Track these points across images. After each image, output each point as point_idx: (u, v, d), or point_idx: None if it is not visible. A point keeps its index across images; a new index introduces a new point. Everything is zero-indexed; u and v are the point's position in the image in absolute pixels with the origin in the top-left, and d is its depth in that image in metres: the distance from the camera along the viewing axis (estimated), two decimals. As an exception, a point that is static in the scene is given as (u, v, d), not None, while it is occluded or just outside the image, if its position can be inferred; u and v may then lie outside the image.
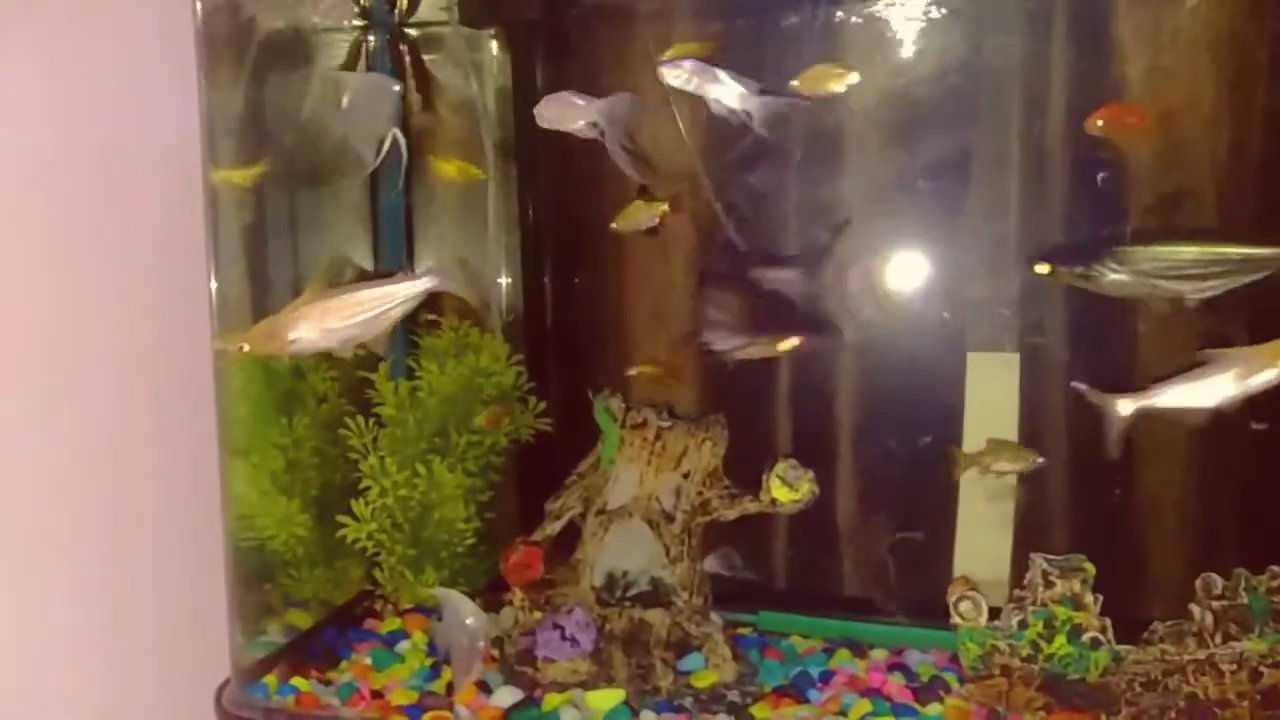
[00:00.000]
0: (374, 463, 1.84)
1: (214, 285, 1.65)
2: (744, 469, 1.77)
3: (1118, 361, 1.95)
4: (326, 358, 1.91)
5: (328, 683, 1.68)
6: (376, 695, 1.65)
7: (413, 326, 1.97)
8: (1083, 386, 1.57)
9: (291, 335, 1.46)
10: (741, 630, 1.87)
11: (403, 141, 1.70)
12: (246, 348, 1.48)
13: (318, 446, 1.88)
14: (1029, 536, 1.88)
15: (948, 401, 1.94)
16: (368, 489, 1.84)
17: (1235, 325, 1.86)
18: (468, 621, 1.50)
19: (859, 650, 1.81)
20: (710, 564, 1.83)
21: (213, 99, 1.64)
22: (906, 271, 1.96)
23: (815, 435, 2.07)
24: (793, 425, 2.08)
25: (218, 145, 1.66)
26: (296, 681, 1.66)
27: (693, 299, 2.02)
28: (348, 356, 1.66)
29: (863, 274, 1.97)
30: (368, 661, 1.76)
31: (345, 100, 1.69)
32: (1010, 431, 1.93)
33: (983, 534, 1.95)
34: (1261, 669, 1.46)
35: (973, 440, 1.95)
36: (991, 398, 1.96)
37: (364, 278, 1.87)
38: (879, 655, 1.80)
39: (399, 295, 1.48)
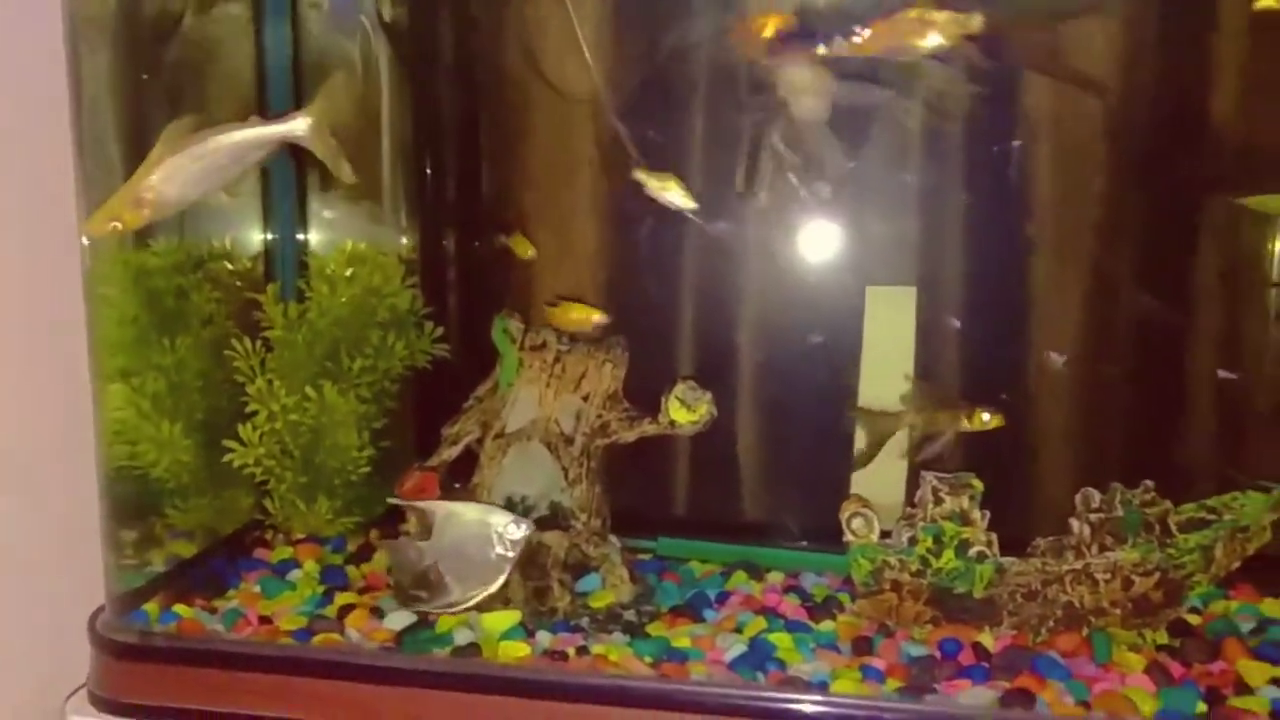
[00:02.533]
0: (261, 386, 1.77)
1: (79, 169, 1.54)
2: (647, 395, 1.78)
3: (1011, 297, 2.02)
4: (211, 279, 1.85)
5: (213, 610, 1.63)
6: (265, 621, 1.60)
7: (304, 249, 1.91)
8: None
9: (149, 196, 1.39)
10: (641, 556, 1.88)
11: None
12: (119, 225, 1.40)
13: (203, 370, 1.81)
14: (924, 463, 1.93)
15: (847, 333, 1.97)
16: (255, 413, 1.77)
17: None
18: (506, 530, 1.48)
19: (756, 574, 1.84)
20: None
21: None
22: (809, 208, 1.99)
23: (717, 363, 2.09)
24: (696, 353, 2.09)
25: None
26: (179, 609, 1.60)
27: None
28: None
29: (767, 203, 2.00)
30: (257, 590, 1.72)
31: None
32: (906, 363, 1.97)
33: (879, 461, 1.99)
34: (1133, 577, 1.53)
35: (871, 371, 2.00)
36: (889, 330, 1.99)
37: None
38: (775, 578, 1.83)
39: (252, 140, 1.43)
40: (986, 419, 1.72)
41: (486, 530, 1.49)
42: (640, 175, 1.68)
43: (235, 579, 1.75)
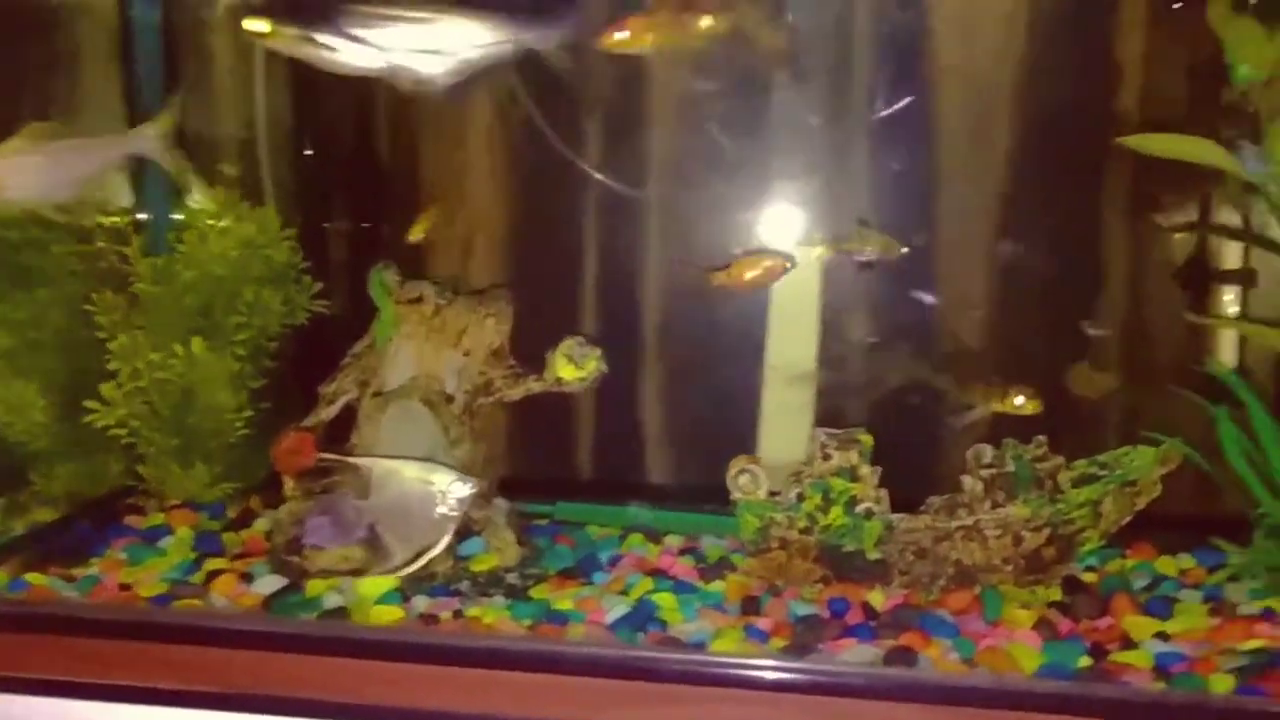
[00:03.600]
0: (124, 341, 1.67)
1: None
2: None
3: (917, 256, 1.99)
4: (75, 230, 1.75)
5: (71, 578, 1.54)
6: (125, 589, 1.52)
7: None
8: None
9: None
10: (539, 521, 1.82)
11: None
12: None
13: (64, 327, 1.71)
14: (830, 423, 1.90)
15: (752, 296, 1.92)
16: (118, 371, 1.68)
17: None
18: (450, 489, 1.41)
19: (655, 537, 1.79)
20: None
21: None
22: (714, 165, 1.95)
23: (621, 323, 2.03)
24: (598, 313, 2.04)
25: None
26: (31, 577, 1.51)
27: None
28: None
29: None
30: (123, 557, 1.63)
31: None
32: (813, 320, 1.93)
33: (785, 423, 1.95)
34: (1023, 534, 1.50)
35: (778, 330, 1.95)
36: (796, 289, 1.94)
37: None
38: (673, 541, 1.78)
39: (99, 150, 1.44)
40: (1020, 403, 1.62)
41: (429, 489, 1.43)
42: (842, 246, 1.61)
43: (101, 547, 1.66)
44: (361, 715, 1.27)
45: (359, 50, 1.39)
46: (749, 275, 1.69)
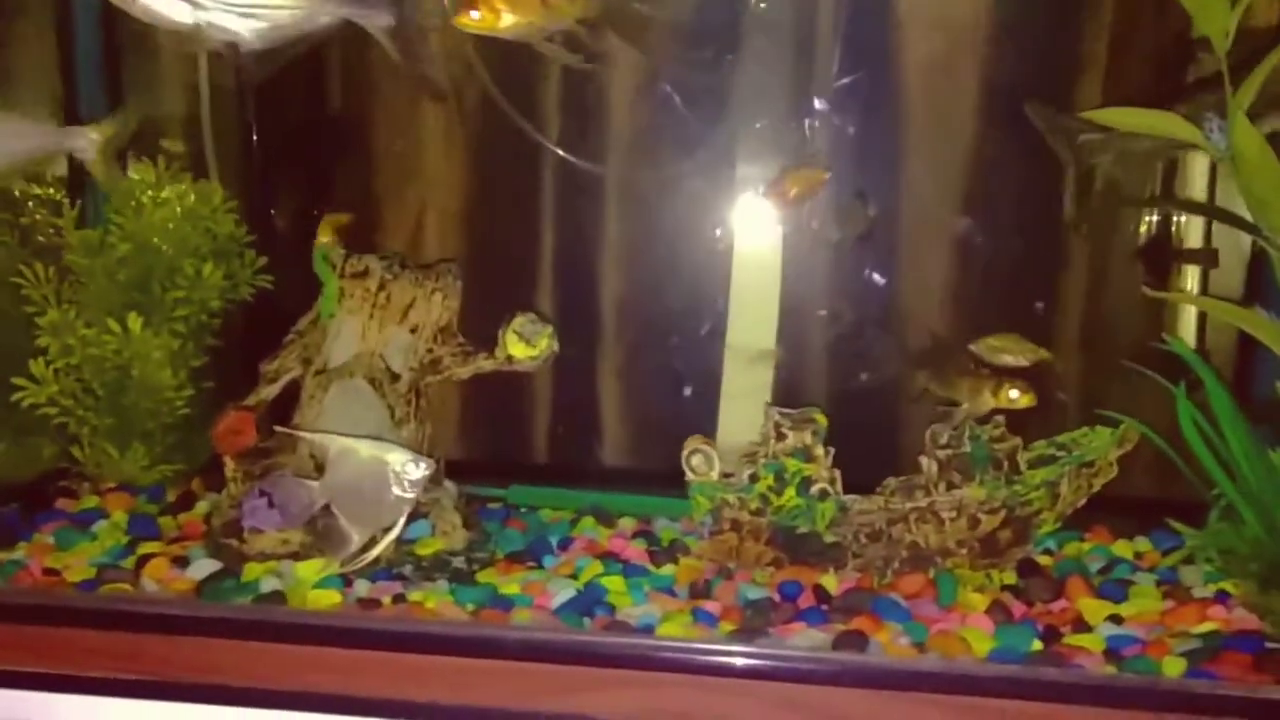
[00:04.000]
0: (55, 317, 1.61)
1: None
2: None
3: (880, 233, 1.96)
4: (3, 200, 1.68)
5: (-7, 564, 1.48)
6: (50, 574, 1.46)
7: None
8: None
9: None
10: (492, 505, 1.78)
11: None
12: None
13: (-9, 301, 1.64)
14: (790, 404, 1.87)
15: (715, 267, 1.89)
16: (48, 348, 1.61)
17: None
18: (405, 469, 1.33)
19: (608, 520, 1.75)
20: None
21: None
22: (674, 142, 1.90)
23: (576, 300, 1.99)
24: (555, 291, 1.99)
25: None
26: (-51, 562, 1.45)
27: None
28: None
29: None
30: (51, 542, 1.57)
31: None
32: (773, 299, 1.89)
33: (744, 404, 1.91)
34: (979, 515, 1.47)
35: (739, 309, 1.92)
36: (757, 268, 1.91)
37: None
38: (627, 524, 1.74)
39: (31, 139, 1.42)
40: (1014, 396, 1.51)
41: (383, 469, 1.36)
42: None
43: (29, 531, 1.59)
44: (294, 703, 1.23)
45: (172, 2, 1.32)
46: (794, 191, 1.64)
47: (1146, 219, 1.91)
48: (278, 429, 1.56)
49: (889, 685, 1.18)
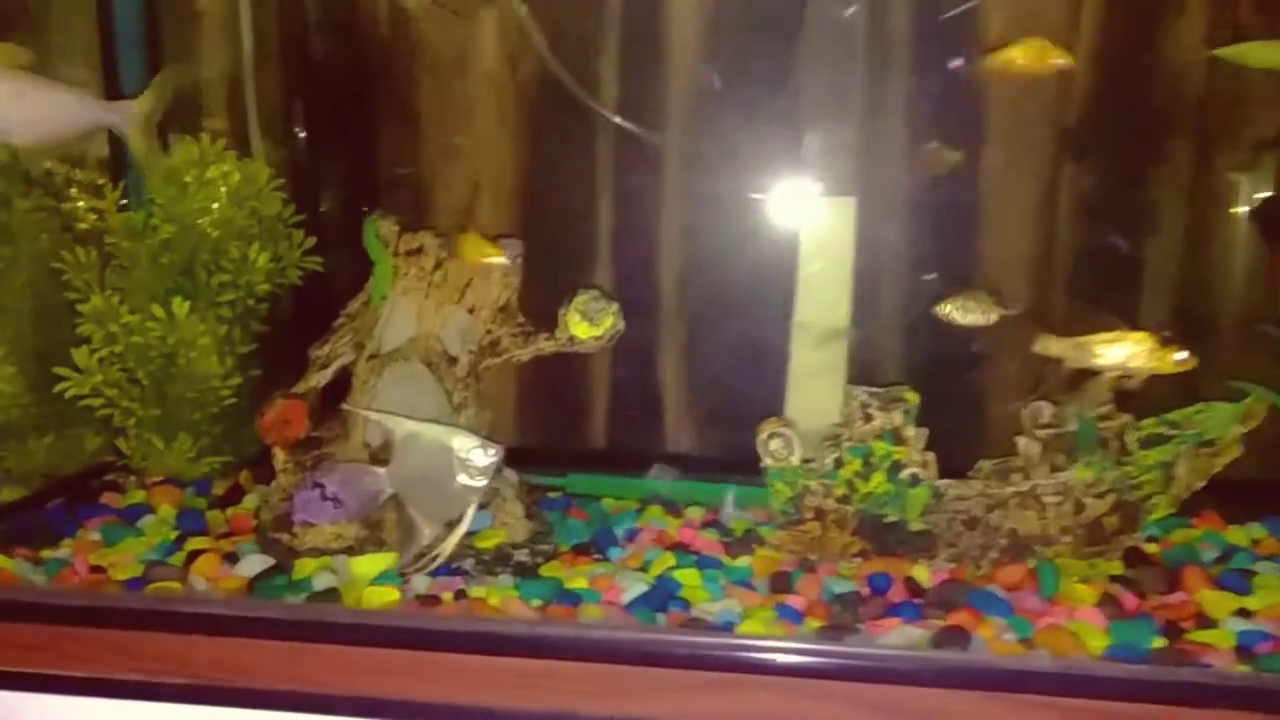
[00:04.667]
0: (98, 303, 1.54)
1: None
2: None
3: (957, 206, 1.83)
4: (44, 184, 1.62)
5: (38, 561, 1.41)
6: (97, 571, 1.39)
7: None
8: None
9: None
10: (550, 494, 1.69)
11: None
12: None
13: (33, 288, 1.58)
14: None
15: (781, 245, 1.77)
16: (91, 335, 1.55)
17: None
18: (470, 456, 1.23)
19: (674, 510, 1.65)
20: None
21: None
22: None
23: (638, 279, 1.88)
24: (617, 270, 1.89)
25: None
26: (-6, 559, 1.39)
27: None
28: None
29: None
30: (96, 538, 1.50)
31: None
32: (845, 275, 1.78)
33: (814, 385, 1.80)
34: (1086, 500, 1.35)
35: (807, 288, 1.80)
36: (827, 243, 1.79)
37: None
38: (694, 513, 1.64)
39: (69, 105, 1.36)
40: (1182, 358, 1.33)
41: (447, 455, 1.25)
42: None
43: (74, 527, 1.53)
44: (350, 708, 1.14)
45: None
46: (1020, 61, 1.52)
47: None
48: (344, 406, 1.46)
49: (999, 686, 1.07)
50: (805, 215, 1.77)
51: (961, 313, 1.45)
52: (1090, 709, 1.07)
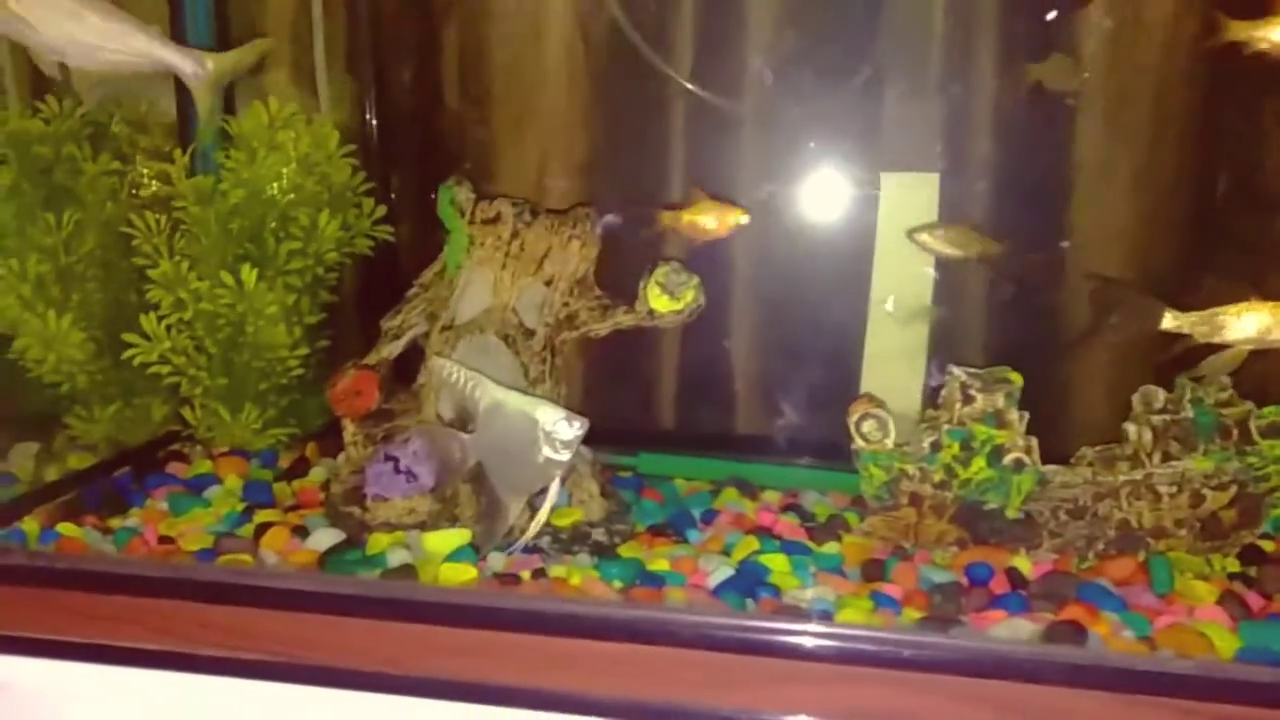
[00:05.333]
0: (167, 269, 1.50)
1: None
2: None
3: (1047, 180, 1.74)
4: (113, 149, 1.58)
5: (107, 530, 1.38)
6: (166, 541, 1.35)
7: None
8: None
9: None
10: (620, 473, 1.63)
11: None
12: None
13: (102, 254, 1.55)
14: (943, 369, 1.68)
15: (857, 223, 1.70)
16: (159, 302, 1.51)
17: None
18: (555, 429, 1.16)
19: (749, 491, 1.59)
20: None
21: None
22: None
23: (710, 254, 1.81)
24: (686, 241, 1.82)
25: None
26: (63, 528, 1.35)
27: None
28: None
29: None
30: (164, 508, 1.47)
31: None
32: (925, 258, 1.70)
33: (892, 367, 1.73)
34: (1204, 491, 1.27)
35: (885, 266, 1.73)
36: (907, 220, 1.71)
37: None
38: (771, 497, 1.58)
39: (137, 42, 1.28)
40: None
41: (532, 427, 1.17)
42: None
43: (141, 497, 1.50)
44: (430, 690, 1.09)
45: None
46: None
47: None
48: (433, 358, 1.40)
49: (1129, 688, 0.99)
50: (883, 192, 1.71)
51: (939, 242, 1.42)
52: (1230, 715, 1.00)
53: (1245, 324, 1.22)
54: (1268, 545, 1.37)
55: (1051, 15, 1.68)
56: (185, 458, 1.63)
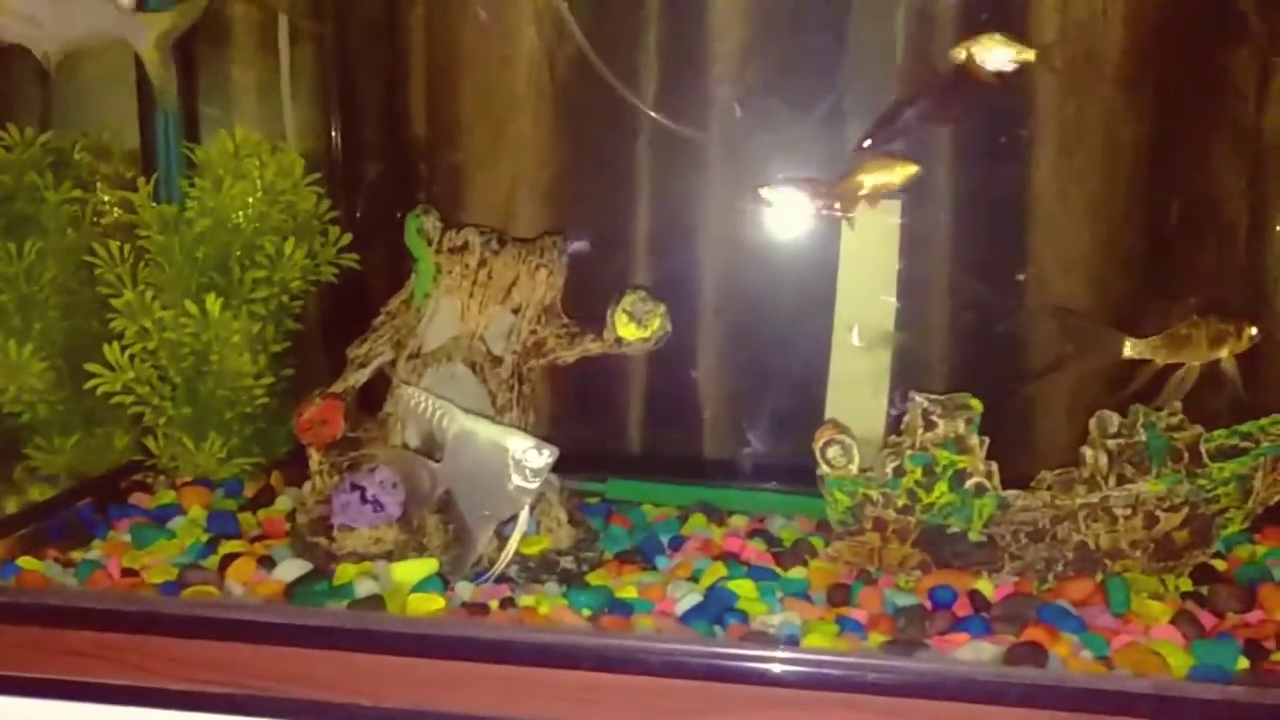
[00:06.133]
0: (130, 298, 1.49)
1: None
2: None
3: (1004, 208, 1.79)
4: (75, 177, 1.57)
5: (69, 563, 1.36)
6: (129, 574, 1.34)
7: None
8: None
9: None
10: (589, 500, 1.64)
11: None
12: None
13: (64, 283, 1.54)
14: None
15: (821, 250, 1.73)
16: (123, 331, 1.50)
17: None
18: (525, 457, 1.16)
19: (717, 517, 1.61)
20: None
21: None
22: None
23: (677, 279, 1.83)
24: (652, 267, 1.84)
25: None
26: (23, 561, 1.34)
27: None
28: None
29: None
30: (127, 539, 1.45)
31: None
32: (890, 281, 1.73)
33: (856, 392, 1.75)
34: (1158, 513, 1.30)
35: (848, 289, 1.75)
36: (870, 245, 1.74)
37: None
38: (738, 522, 1.59)
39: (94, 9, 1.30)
40: (1254, 332, 1.32)
41: (502, 455, 1.18)
42: None
43: (103, 528, 1.48)
44: (399, 721, 1.09)
45: None
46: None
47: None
48: (400, 386, 1.40)
49: (1090, 708, 1.01)
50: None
51: (986, 54, 1.35)
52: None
53: (1201, 340, 1.26)
54: (1219, 564, 1.41)
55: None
56: (148, 488, 1.61)
